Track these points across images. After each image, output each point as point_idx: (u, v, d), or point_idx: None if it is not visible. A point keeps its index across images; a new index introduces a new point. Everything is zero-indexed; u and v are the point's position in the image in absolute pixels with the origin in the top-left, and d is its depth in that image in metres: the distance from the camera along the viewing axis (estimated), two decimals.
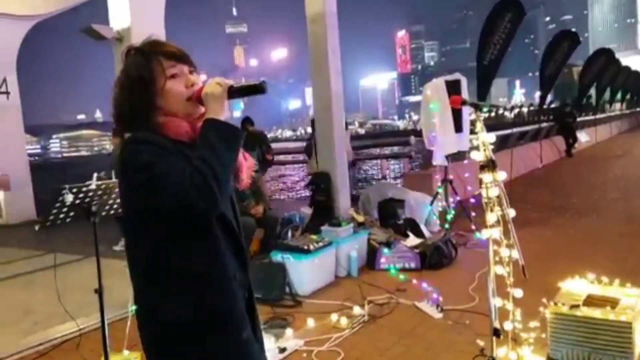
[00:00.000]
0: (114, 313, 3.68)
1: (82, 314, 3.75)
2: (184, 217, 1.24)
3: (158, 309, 1.31)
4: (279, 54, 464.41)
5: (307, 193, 9.72)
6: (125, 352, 3.25)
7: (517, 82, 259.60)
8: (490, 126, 2.94)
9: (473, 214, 5.76)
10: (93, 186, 2.66)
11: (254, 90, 1.34)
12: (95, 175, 2.66)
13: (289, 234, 5.05)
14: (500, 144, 11.70)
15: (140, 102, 1.33)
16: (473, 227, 5.64)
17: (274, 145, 9.04)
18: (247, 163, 1.45)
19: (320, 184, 6.31)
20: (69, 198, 2.56)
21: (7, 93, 10.34)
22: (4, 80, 10.28)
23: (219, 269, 1.32)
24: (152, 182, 1.21)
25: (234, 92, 1.33)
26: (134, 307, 2.98)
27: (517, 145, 13.21)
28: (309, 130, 8.75)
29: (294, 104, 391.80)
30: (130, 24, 7.09)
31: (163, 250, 1.28)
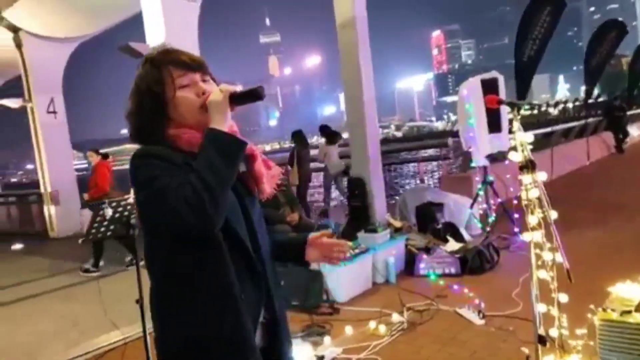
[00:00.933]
0: None
1: (126, 324, 3.85)
2: (181, 235, 1.18)
3: (164, 327, 1.28)
4: (313, 61, 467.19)
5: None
6: None
7: (561, 77, 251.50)
8: (532, 124, 2.83)
9: (516, 215, 5.57)
10: (131, 199, 2.72)
11: (251, 96, 1.27)
12: (132, 189, 2.72)
13: None
14: (543, 142, 11.32)
15: (151, 115, 1.29)
16: (516, 229, 5.46)
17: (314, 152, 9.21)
18: (270, 172, 1.40)
19: (355, 190, 6.26)
20: (109, 212, 2.63)
21: (55, 112, 10.84)
22: (52, 100, 10.79)
23: (221, 288, 1.23)
24: (151, 198, 1.18)
25: (235, 100, 1.27)
26: None
27: (560, 143, 12.75)
28: (345, 136, 8.80)
29: (328, 110, 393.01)
30: (165, 40, 7.30)
31: (169, 267, 1.25)
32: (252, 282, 1.30)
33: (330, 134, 8.96)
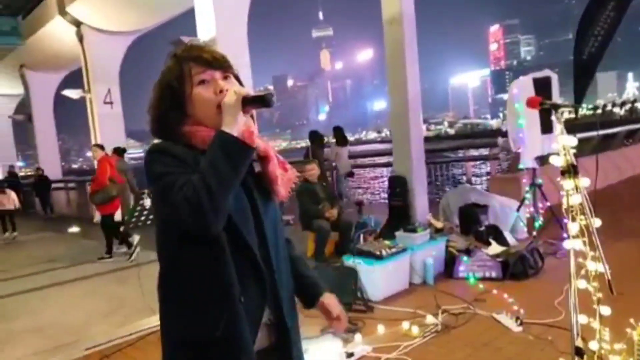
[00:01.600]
0: None
1: None
2: (182, 233, 1.19)
3: (166, 318, 1.31)
4: (364, 55, 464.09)
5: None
6: None
7: (630, 75, 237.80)
8: (593, 124, 2.70)
9: (566, 221, 5.34)
10: None
11: (261, 101, 1.24)
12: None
13: (361, 238, 5.01)
14: (605, 144, 10.72)
15: (169, 110, 1.30)
16: (565, 235, 5.23)
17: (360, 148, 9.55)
18: (287, 175, 1.40)
19: (396, 188, 6.20)
20: (148, 202, 2.74)
21: (111, 103, 11.38)
22: (108, 91, 11.33)
23: (220, 288, 1.23)
24: (158, 193, 1.21)
25: (247, 103, 1.25)
26: None
27: (625, 145, 12.00)
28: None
29: (378, 105, 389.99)
30: (216, 34, 7.47)
31: (174, 260, 1.27)
32: (256, 284, 1.28)
33: (341, 136, 9.39)
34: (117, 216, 7.27)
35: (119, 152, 8.63)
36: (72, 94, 11.53)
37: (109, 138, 11.30)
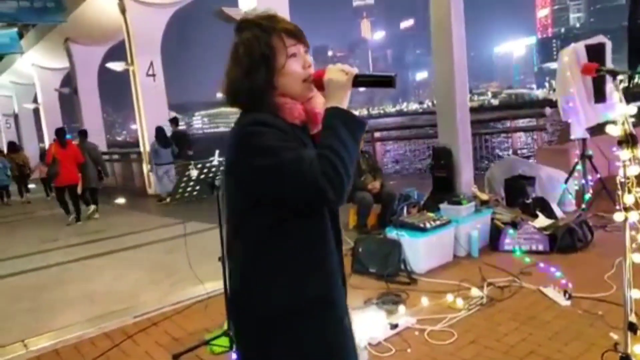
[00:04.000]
0: None
1: (211, 279, 4.13)
2: (307, 205, 1.22)
3: (266, 293, 1.27)
4: (406, 24, 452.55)
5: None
6: None
7: None
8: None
9: (619, 192, 5.14)
10: (215, 162, 2.87)
11: (381, 83, 1.30)
12: (217, 151, 2.87)
13: (405, 210, 4.99)
14: None
15: (262, 82, 1.27)
16: (617, 207, 5.06)
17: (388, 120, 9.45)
18: None
19: (441, 160, 6.10)
20: (194, 173, 2.80)
21: (154, 75, 11.53)
22: (151, 64, 11.47)
23: (325, 255, 1.30)
24: (277, 168, 1.17)
25: (359, 82, 1.28)
26: None
27: None
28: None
29: (420, 75, 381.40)
30: (257, 4, 7.44)
31: (273, 234, 1.26)
32: (337, 251, 1.36)
33: None
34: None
35: (83, 134, 10.14)
36: (116, 66, 11.73)
37: (152, 111, 11.53)
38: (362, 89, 2.46)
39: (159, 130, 10.15)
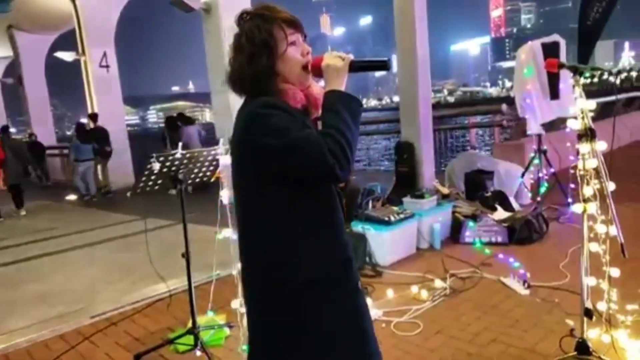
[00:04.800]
0: (200, 276, 3.90)
1: (173, 276, 4.02)
2: (316, 181, 1.33)
3: (283, 269, 1.34)
4: (365, 20, 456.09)
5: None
6: (210, 314, 3.44)
7: (626, 44, 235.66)
8: (591, 92, 2.68)
9: (572, 186, 5.34)
10: (179, 155, 2.78)
11: (376, 67, 1.41)
12: (180, 144, 2.79)
13: (370, 204, 5.03)
14: (603, 112, 10.73)
15: (265, 67, 1.35)
16: (569, 200, 5.29)
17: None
18: None
19: (403, 154, 6.18)
20: (156, 166, 2.70)
21: (107, 66, 11.12)
22: (104, 54, 11.05)
23: (339, 225, 1.41)
24: (289, 148, 1.25)
25: (355, 67, 1.38)
26: (218, 272, 3.13)
27: (622, 113, 12.06)
28: (395, 99, 8.81)
29: (379, 72, 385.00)
30: None
31: (289, 213, 1.33)
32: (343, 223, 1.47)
33: None
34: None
35: (4, 130, 9.79)
36: (66, 56, 11.22)
37: (105, 104, 11.12)
38: None
39: (80, 126, 10.18)
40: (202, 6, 7.44)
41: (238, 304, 3.27)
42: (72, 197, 10.37)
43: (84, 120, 10.37)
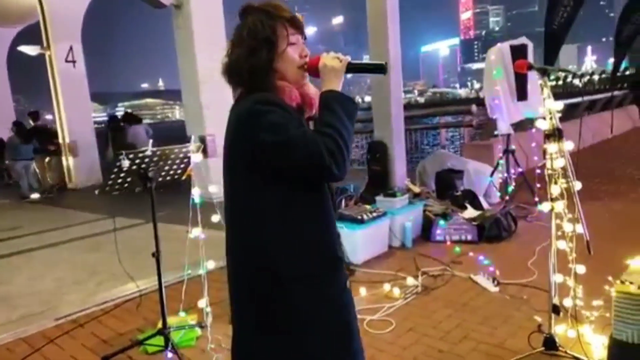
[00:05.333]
0: (171, 276, 3.83)
1: (143, 276, 3.93)
2: (312, 179, 1.34)
3: (274, 265, 1.35)
4: (336, 20, 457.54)
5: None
6: (182, 314, 3.38)
7: (589, 49, 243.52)
8: (557, 94, 2.75)
9: (538, 185, 5.49)
10: (149, 152, 2.72)
11: (373, 70, 1.44)
12: (150, 141, 2.72)
13: (343, 203, 5.04)
14: (568, 114, 11.08)
15: (264, 62, 1.37)
16: (536, 199, 5.42)
17: None
18: None
19: (376, 154, 6.22)
20: (126, 164, 2.64)
21: (73, 62, 10.76)
22: (70, 49, 10.69)
23: (330, 222, 1.43)
24: (284, 144, 1.26)
25: (351, 68, 1.41)
26: (189, 272, 3.08)
27: (585, 115, 12.47)
28: (367, 99, 8.86)
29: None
30: None
31: (283, 209, 1.34)
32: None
33: None
34: None
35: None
36: (30, 50, 10.81)
37: (71, 100, 10.77)
38: None
39: (18, 125, 9.99)
40: (172, 2, 7.30)
41: (204, 303, 3.23)
42: (35, 195, 10.05)
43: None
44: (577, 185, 2.53)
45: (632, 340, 2.21)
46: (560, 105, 2.65)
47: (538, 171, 4.74)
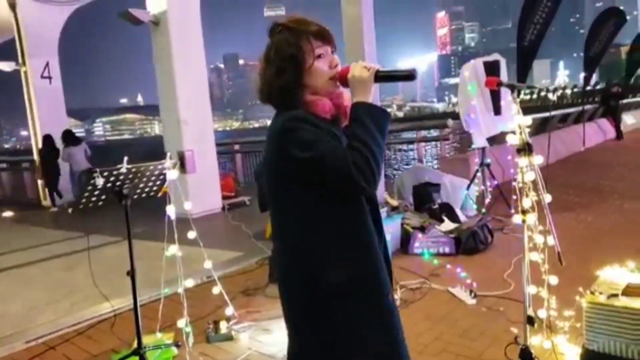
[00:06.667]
0: (147, 294, 3.77)
1: (117, 295, 3.86)
2: (342, 193, 1.33)
3: (310, 275, 1.37)
4: None
5: None
6: (158, 334, 3.33)
7: (561, 63, 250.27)
8: (531, 108, 2.82)
9: (514, 197, 5.58)
10: (124, 169, 2.70)
11: (401, 77, 1.42)
12: (125, 158, 2.70)
13: None
14: (541, 127, 11.34)
15: (292, 81, 1.39)
16: (512, 211, 5.51)
17: None
18: None
19: None
20: (100, 182, 2.61)
21: (50, 77, 10.65)
22: (47, 65, 10.59)
23: (366, 236, 1.40)
24: (315, 160, 1.28)
25: (380, 77, 1.39)
26: (166, 290, 3.04)
27: (558, 128, 12.78)
28: None
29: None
30: (167, 8, 7.19)
31: (314, 219, 1.36)
32: (377, 230, 1.46)
33: None
34: None
35: None
36: (4, 66, 10.68)
37: (47, 116, 10.64)
38: None
39: None
40: (151, 19, 7.29)
41: (184, 323, 3.19)
42: (8, 213, 9.83)
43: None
44: (548, 198, 2.59)
45: (603, 350, 2.25)
46: (529, 120, 2.72)
47: (514, 184, 4.83)
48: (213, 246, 4.86)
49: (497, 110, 5.99)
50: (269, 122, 1.52)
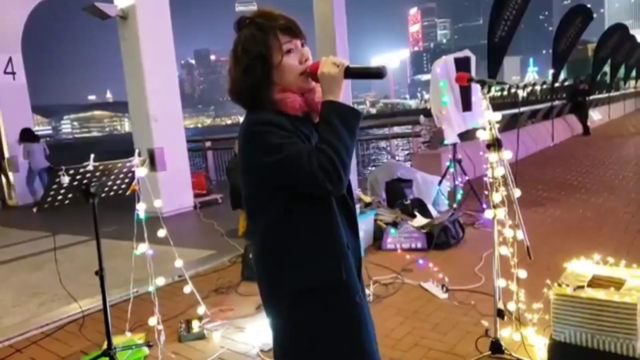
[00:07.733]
0: (117, 294, 3.70)
1: (86, 296, 3.77)
2: (310, 195, 1.30)
3: (278, 277, 1.37)
4: None
5: None
6: (128, 334, 3.26)
7: (531, 60, 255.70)
8: (502, 105, 2.86)
9: (486, 192, 5.67)
10: (90, 167, 2.62)
11: (371, 75, 1.37)
12: (92, 156, 2.62)
13: None
14: (511, 123, 11.58)
15: (260, 79, 1.34)
16: (484, 206, 5.59)
17: None
18: None
19: None
20: (65, 180, 2.53)
21: (13, 73, 10.32)
22: (9, 60, 10.26)
23: (335, 239, 1.37)
24: (280, 165, 1.27)
25: (350, 74, 1.34)
26: (136, 289, 2.99)
27: (528, 124, 13.06)
28: None
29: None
30: (135, 1, 7.03)
31: (284, 222, 1.35)
32: (352, 232, 1.45)
33: None
34: None
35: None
36: None
37: (11, 113, 10.32)
38: None
39: None
40: (118, 13, 7.12)
41: (155, 321, 3.14)
42: None
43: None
44: (517, 193, 2.64)
45: (570, 341, 2.30)
46: (499, 116, 2.76)
47: (485, 179, 4.91)
48: (185, 245, 4.79)
49: (467, 107, 6.06)
50: (241, 119, 1.50)
